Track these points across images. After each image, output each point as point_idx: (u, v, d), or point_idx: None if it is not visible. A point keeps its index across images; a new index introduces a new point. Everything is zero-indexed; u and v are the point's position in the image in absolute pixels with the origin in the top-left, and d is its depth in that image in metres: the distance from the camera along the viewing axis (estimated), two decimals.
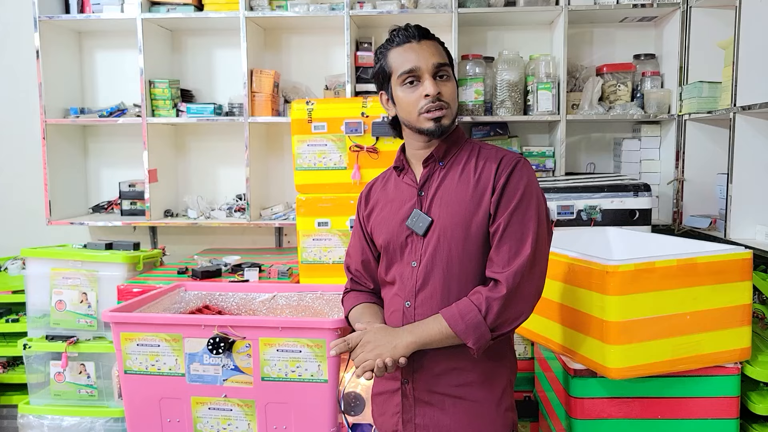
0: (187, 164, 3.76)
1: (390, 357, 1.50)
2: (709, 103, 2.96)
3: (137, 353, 2.11)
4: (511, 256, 1.49)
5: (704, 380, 1.95)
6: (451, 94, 1.59)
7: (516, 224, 1.51)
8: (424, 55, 1.57)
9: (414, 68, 1.56)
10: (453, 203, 1.57)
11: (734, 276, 1.91)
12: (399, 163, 1.71)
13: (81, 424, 2.83)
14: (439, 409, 1.59)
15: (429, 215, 1.59)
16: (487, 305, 1.47)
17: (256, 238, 3.76)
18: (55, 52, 3.48)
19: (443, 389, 1.58)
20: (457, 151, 1.64)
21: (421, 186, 1.63)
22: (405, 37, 1.59)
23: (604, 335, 1.82)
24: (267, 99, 3.35)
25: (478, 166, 1.59)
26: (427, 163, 1.64)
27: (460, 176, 1.60)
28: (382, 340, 1.54)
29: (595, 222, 2.67)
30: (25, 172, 3.75)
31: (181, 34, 3.69)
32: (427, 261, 1.58)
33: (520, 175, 1.55)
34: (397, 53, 1.60)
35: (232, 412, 2.10)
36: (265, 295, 2.45)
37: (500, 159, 1.58)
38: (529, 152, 3.36)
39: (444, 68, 1.58)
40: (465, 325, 1.47)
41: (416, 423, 1.61)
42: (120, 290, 2.67)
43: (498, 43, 3.55)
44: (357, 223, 1.80)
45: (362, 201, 1.79)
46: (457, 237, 1.55)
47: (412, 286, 1.59)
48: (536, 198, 1.55)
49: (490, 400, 1.59)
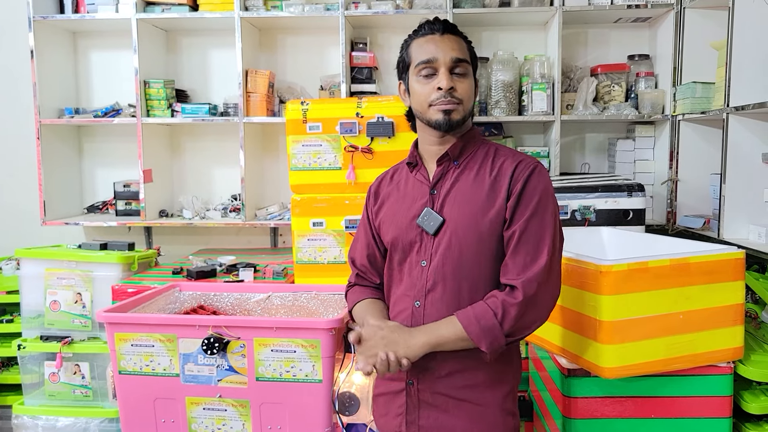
0: (182, 164, 3.75)
1: (404, 355, 1.48)
2: (702, 104, 2.97)
3: (132, 354, 2.11)
4: (528, 263, 1.48)
5: (697, 379, 1.95)
6: (466, 91, 1.57)
7: (533, 231, 1.50)
8: (444, 48, 1.55)
9: (431, 59, 1.55)
10: (466, 204, 1.56)
11: (727, 276, 1.92)
12: (412, 158, 1.69)
13: (75, 424, 2.83)
14: (443, 410, 1.58)
15: (441, 215, 1.57)
16: (504, 310, 1.46)
17: (251, 238, 3.76)
18: (49, 52, 3.48)
19: (448, 391, 1.57)
20: (473, 151, 1.63)
21: (434, 184, 1.62)
22: (429, 29, 1.59)
23: (597, 335, 1.82)
24: (262, 99, 3.35)
25: (494, 169, 1.57)
26: (441, 162, 1.62)
27: (475, 177, 1.58)
28: (398, 338, 1.52)
29: (589, 222, 2.68)
30: (19, 172, 3.74)
31: (176, 34, 3.69)
32: (438, 261, 1.56)
33: (537, 180, 1.53)
34: (418, 44, 1.59)
35: (227, 413, 2.09)
36: (259, 296, 2.45)
37: (517, 163, 1.56)
38: (524, 152, 3.36)
39: (462, 64, 1.56)
40: (480, 329, 1.46)
41: (420, 424, 1.60)
42: (114, 290, 2.67)
43: (493, 43, 3.56)
44: (364, 217, 1.78)
45: (371, 195, 1.77)
46: (470, 238, 1.54)
47: (422, 286, 1.58)
48: (552, 204, 1.54)
49: (494, 403, 1.58)
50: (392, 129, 2.58)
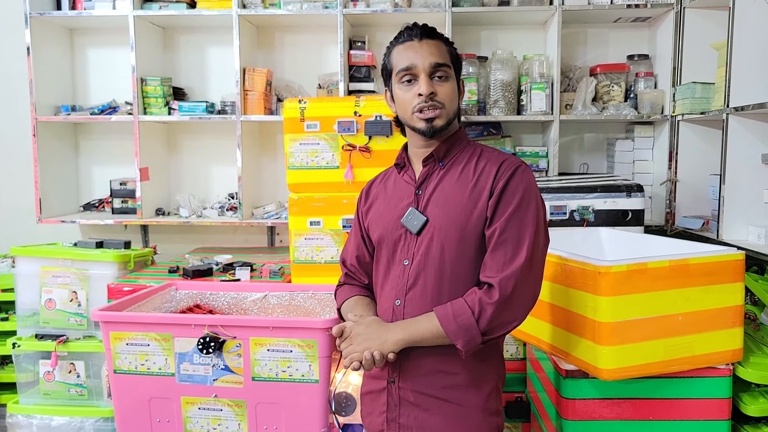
0: (179, 163, 3.74)
1: (378, 351, 1.50)
2: (702, 104, 2.96)
3: (127, 353, 2.09)
4: (506, 261, 1.48)
5: (696, 381, 1.94)
6: (447, 95, 1.57)
7: (512, 229, 1.50)
8: (423, 54, 1.56)
9: (410, 66, 1.56)
10: (449, 203, 1.57)
11: (726, 277, 1.91)
12: (400, 160, 1.71)
13: (70, 423, 2.81)
14: (424, 410, 1.58)
15: (425, 214, 1.58)
16: (480, 308, 1.46)
17: (248, 237, 3.74)
18: (46, 48, 3.46)
19: (429, 390, 1.57)
20: (458, 152, 1.64)
21: (419, 185, 1.63)
22: (408, 35, 1.59)
23: (596, 336, 1.81)
24: (259, 97, 3.33)
25: (478, 168, 1.58)
26: (426, 162, 1.63)
27: (458, 177, 1.59)
28: (372, 334, 1.54)
29: (588, 222, 2.67)
30: (15, 169, 3.73)
31: (173, 31, 3.67)
32: (419, 260, 1.57)
33: (519, 179, 1.53)
34: (398, 51, 1.60)
35: (222, 412, 2.08)
36: (256, 295, 2.44)
37: (500, 162, 1.57)
38: (522, 152, 3.36)
39: (442, 68, 1.57)
40: (456, 326, 1.47)
41: (400, 423, 1.60)
42: (110, 289, 2.65)
43: (492, 42, 3.55)
44: (356, 218, 1.80)
45: (363, 196, 1.79)
46: (451, 237, 1.54)
47: (403, 285, 1.59)
48: (535, 204, 1.53)
49: (476, 403, 1.58)
50: (390, 128, 2.57)
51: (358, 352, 1.52)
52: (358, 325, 1.58)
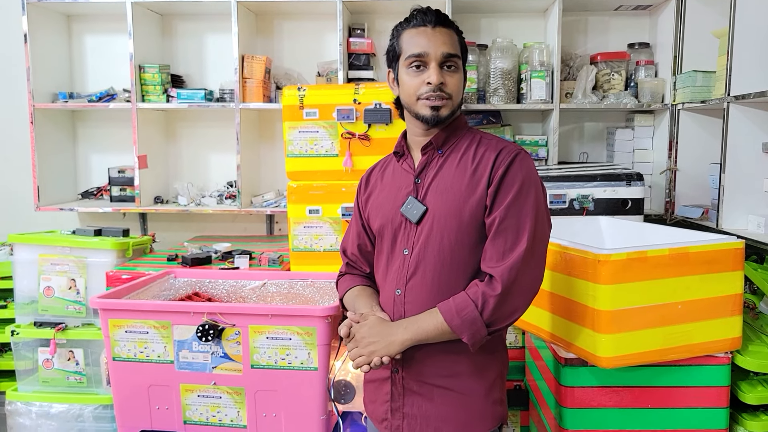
0: (178, 150, 3.72)
1: (385, 355, 1.50)
2: (702, 93, 2.95)
3: (126, 340, 2.09)
4: (506, 250, 1.47)
5: (695, 370, 1.95)
6: (455, 86, 1.56)
7: (512, 217, 1.48)
8: (435, 42, 1.54)
9: (422, 53, 1.53)
10: (448, 192, 1.55)
11: (726, 266, 1.91)
12: (399, 148, 1.69)
13: (69, 411, 2.82)
14: (428, 399, 1.58)
15: (424, 203, 1.57)
16: (483, 301, 1.45)
17: (246, 225, 3.74)
18: (43, 35, 3.43)
19: (432, 379, 1.57)
20: (457, 139, 1.62)
21: (419, 173, 1.61)
22: (421, 20, 1.57)
23: (595, 324, 1.81)
24: (258, 85, 3.32)
25: (477, 156, 1.57)
26: (425, 151, 1.62)
27: (457, 165, 1.58)
28: (377, 336, 1.53)
29: (588, 211, 2.66)
30: (13, 157, 3.71)
31: (171, 18, 3.64)
32: (420, 249, 1.56)
33: (519, 167, 1.52)
34: (409, 35, 1.58)
35: (222, 400, 2.09)
36: (255, 283, 2.44)
37: (500, 150, 1.55)
38: (522, 141, 3.35)
39: (453, 59, 1.55)
40: (461, 321, 1.46)
41: (404, 412, 1.60)
42: (109, 277, 2.65)
43: (492, 30, 3.53)
44: (356, 207, 1.79)
45: (362, 185, 1.78)
46: (450, 226, 1.53)
47: (404, 274, 1.58)
48: (535, 191, 1.52)
49: (479, 392, 1.57)
50: (390, 116, 2.55)
51: (365, 356, 1.51)
52: (362, 327, 1.57)
